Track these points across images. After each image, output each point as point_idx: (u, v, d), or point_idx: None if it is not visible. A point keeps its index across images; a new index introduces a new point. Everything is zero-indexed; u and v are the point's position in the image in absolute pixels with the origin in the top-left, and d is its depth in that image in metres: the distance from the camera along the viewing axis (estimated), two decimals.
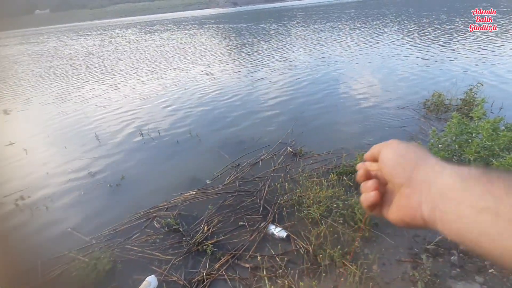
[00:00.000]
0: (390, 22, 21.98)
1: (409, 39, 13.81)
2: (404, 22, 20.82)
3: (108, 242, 3.30)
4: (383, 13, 30.19)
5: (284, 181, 3.89)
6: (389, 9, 35.04)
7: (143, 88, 9.98)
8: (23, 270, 3.06)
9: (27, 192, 4.54)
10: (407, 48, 11.83)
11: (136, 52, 19.46)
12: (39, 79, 13.69)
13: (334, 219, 3.07)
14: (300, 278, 2.58)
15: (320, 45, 14.56)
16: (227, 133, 5.84)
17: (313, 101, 7.09)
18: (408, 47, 12.01)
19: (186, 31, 30.97)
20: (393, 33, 16.12)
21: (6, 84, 13.41)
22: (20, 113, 8.85)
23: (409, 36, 14.60)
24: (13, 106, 9.64)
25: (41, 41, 41.11)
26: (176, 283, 2.73)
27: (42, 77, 14.21)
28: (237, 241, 3.13)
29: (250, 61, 12.46)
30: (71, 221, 3.79)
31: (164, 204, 3.86)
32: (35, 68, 17.11)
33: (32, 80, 13.76)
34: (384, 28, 18.79)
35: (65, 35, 48.70)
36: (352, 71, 9.37)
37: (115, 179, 4.60)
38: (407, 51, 11.29)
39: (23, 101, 10.13)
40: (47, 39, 42.39)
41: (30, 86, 12.38)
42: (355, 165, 3.77)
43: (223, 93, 8.35)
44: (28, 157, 5.79)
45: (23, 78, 14.41)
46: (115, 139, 6.19)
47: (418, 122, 5.30)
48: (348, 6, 44.79)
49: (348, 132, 5.34)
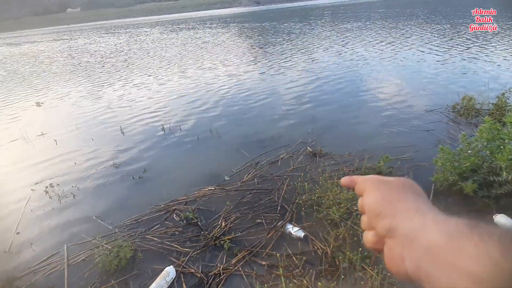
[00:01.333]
0: (422, 22, 21.07)
1: (440, 41, 13.21)
2: (437, 23, 19.93)
3: (130, 231, 3.42)
4: (416, 13, 29.07)
5: (303, 181, 3.84)
6: (423, 8, 33.69)
7: (167, 85, 10.23)
8: (51, 254, 3.23)
9: (56, 180, 4.79)
10: (438, 50, 11.33)
11: (161, 50, 19.98)
12: (69, 74, 14.41)
13: (354, 222, 3.00)
14: (317, 279, 2.54)
15: (346, 45, 14.26)
16: (247, 131, 5.87)
17: (335, 101, 6.96)
18: (439, 49, 11.50)
19: (210, 30, 31.41)
20: (425, 33, 15.45)
21: (40, 78, 14.21)
22: (51, 106, 9.34)
23: (441, 37, 13.96)
24: (45, 98, 10.20)
25: (72, 38, 43.21)
26: (193, 275, 2.78)
27: (72, 72, 14.95)
28: (254, 238, 3.14)
29: (272, 61, 12.44)
30: (96, 209, 3.96)
31: (184, 198, 3.93)
32: (66, 64, 18.02)
33: (63, 74, 14.51)
34: (415, 28, 18.03)
35: (94, 33, 50.89)
36: (378, 72, 9.11)
37: (137, 172, 4.75)
38: (438, 53, 10.81)
39: (54, 94, 10.70)
40: (78, 36, 44.48)
41: (61, 80, 13.06)
42: (378, 167, 3.66)
43: (244, 92, 8.39)
44: (58, 147, 6.10)
45: (55, 73, 15.22)
46: (138, 133, 6.40)
47: (446, 126, 5.07)
48: (378, 5, 43.37)
49: (371, 134, 5.19)
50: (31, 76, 15.03)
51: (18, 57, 25.43)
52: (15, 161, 5.76)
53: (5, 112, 9.18)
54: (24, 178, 4.97)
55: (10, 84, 13.57)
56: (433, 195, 3.42)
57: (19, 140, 6.67)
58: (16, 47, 37.65)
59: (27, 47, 34.91)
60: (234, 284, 2.63)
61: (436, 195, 3.44)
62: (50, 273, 2.96)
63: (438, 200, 3.39)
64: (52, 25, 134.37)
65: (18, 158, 5.86)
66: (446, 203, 3.38)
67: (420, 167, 3.99)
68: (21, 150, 6.19)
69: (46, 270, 3.00)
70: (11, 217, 4.00)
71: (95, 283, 2.77)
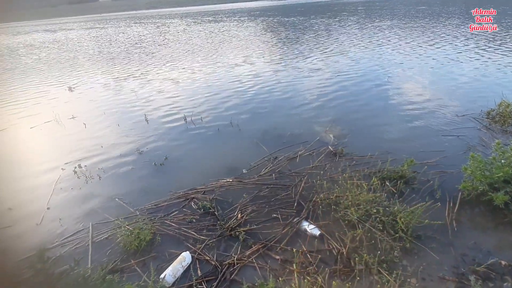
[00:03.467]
0: (461, 23, 19.83)
1: (479, 43, 12.41)
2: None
3: (150, 215, 3.55)
4: (454, 11, 27.44)
5: (322, 179, 3.80)
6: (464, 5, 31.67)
7: (191, 77, 10.40)
8: (77, 230, 3.43)
9: (84, 161, 5.05)
10: (474, 52, 10.66)
11: (187, 41, 20.28)
12: (99, 62, 15.01)
13: (372, 225, 2.93)
14: (331, 278, 2.52)
15: (376, 44, 13.73)
16: (266, 125, 5.86)
17: (360, 100, 6.77)
18: (476, 51, 10.82)
19: (237, 23, 31.37)
20: (463, 34, 14.56)
21: (72, 65, 14.92)
22: (81, 91, 9.81)
23: (480, 40, 13.11)
24: (76, 84, 10.71)
25: (103, 27, 44.80)
26: (208, 263, 2.85)
27: (102, 60, 15.55)
28: (269, 232, 3.16)
29: (297, 57, 12.27)
30: (119, 191, 4.14)
31: (202, 187, 4.02)
32: (97, 52, 18.76)
33: (93, 62, 15.13)
34: (453, 28, 16.97)
35: (124, 22, 52.43)
36: (407, 72, 8.74)
37: (159, 159, 4.90)
38: (473, 55, 10.18)
39: (85, 80, 11.21)
40: (109, 26, 46.03)
41: (91, 67, 13.64)
42: (402, 171, 3.54)
43: (267, 87, 8.36)
44: (86, 131, 6.41)
45: (87, 60, 15.90)
46: (161, 122, 6.58)
47: (478, 133, 4.79)
48: (418, 2, 41.02)
49: (396, 136, 5.02)
50: (65, 62, 15.81)
51: (53, 44, 26.79)
52: (48, 140, 6.14)
53: (41, 95, 9.74)
54: (55, 158, 5.28)
55: (47, 68, 14.36)
56: (459, 204, 3.27)
57: (52, 121, 7.08)
58: (52, 33, 39.62)
59: (61, 34, 36.65)
60: (247, 275, 2.67)
61: (462, 205, 3.28)
62: (76, 248, 3.15)
63: (464, 210, 3.24)
64: (85, 14, 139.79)
65: (51, 138, 6.23)
66: (472, 214, 3.22)
67: (446, 174, 3.82)
68: (53, 131, 6.58)
69: (73, 244, 3.20)
70: (43, 193, 4.27)
71: (116, 261, 2.92)
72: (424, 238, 2.85)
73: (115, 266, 2.85)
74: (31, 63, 16.52)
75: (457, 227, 3.00)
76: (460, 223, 3.06)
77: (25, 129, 6.86)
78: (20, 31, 49.20)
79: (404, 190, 3.52)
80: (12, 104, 8.93)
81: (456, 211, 3.20)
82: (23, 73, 13.75)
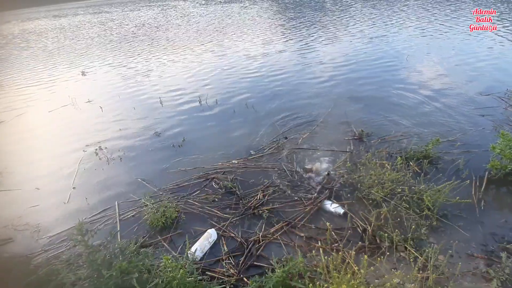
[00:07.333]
0: None
1: (505, 24, 11.75)
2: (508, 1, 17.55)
3: (173, 195, 3.62)
4: None
5: (345, 160, 3.76)
6: None
7: (203, 59, 10.25)
8: (104, 208, 3.54)
9: (104, 144, 5.14)
10: (501, 31, 10.11)
11: (198, 23, 19.90)
12: (109, 46, 14.93)
13: (398, 203, 2.91)
14: (358, 254, 2.54)
15: (397, 23, 13.16)
16: (283, 107, 5.78)
17: (379, 81, 6.57)
18: (502, 30, 10.26)
19: (249, 4, 30.53)
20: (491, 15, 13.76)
21: (83, 49, 14.91)
22: (94, 75, 9.84)
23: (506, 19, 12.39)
24: (88, 69, 10.74)
25: (111, 11, 44.33)
26: (233, 239, 2.91)
27: (112, 44, 15.46)
28: (292, 211, 3.18)
29: (312, 38, 11.91)
30: (140, 172, 4.22)
31: (221, 167, 4.05)
32: (106, 36, 18.65)
33: (103, 46, 15.08)
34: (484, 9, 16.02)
35: (133, 6, 51.75)
36: (428, 52, 8.38)
37: (177, 141, 4.93)
38: (495, 37, 9.66)
39: (96, 65, 11.22)
40: (116, 10, 45.51)
41: (102, 52, 13.60)
42: (426, 151, 3.46)
43: (281, 69, 8.18)
44: (104, 114, 6.48)
45: (97, 44, 15.86)
46: (176, 104, 6.58)
47: (505, 112, 4.61)
48: None
49: (418, 115, 4.88)
50: (76, 47, 15.82)
51: (63, 29, 26.75)
52: (68, 123, 6.25)
53: (55, 79, 9.84)
54: (76, 140, 5.39)
55: (58, 53, 14.42)
56: (486, 183, 3.20)
57: (69, 105, 7.17)
58: (60, 18, 39.51)
59: (70, 19, 36.51)
60: (274, 251, 2.72)
61: (489, 184, 3.21)
62: (105, 225, 3.26)
63: (491, 189, 3.17)
64: None
65: (69, 122, 6.34)
66: (500, 193, 3.15)
67: (472, 153, 3.72)
68: (71, 115, 6.68)
69: (101, 222, 3.31)
70: (67, 173, 4.40)
71: (145, 237, 3.01)
72: (450, 217, 2.82)
73: (144, 242, 2.95)
74: (41, 48, 16.61)
75: (484, 206, 2.95)
76: (488, 202, 3.01)
77: (43, 112, 6.98)
78: (30, 17, 49.22)
79: (428, 170, 3.45)
80: (28, 88, 9.07)
81: (483, 190, 3.13)
82: (35, 58, 13.85)
